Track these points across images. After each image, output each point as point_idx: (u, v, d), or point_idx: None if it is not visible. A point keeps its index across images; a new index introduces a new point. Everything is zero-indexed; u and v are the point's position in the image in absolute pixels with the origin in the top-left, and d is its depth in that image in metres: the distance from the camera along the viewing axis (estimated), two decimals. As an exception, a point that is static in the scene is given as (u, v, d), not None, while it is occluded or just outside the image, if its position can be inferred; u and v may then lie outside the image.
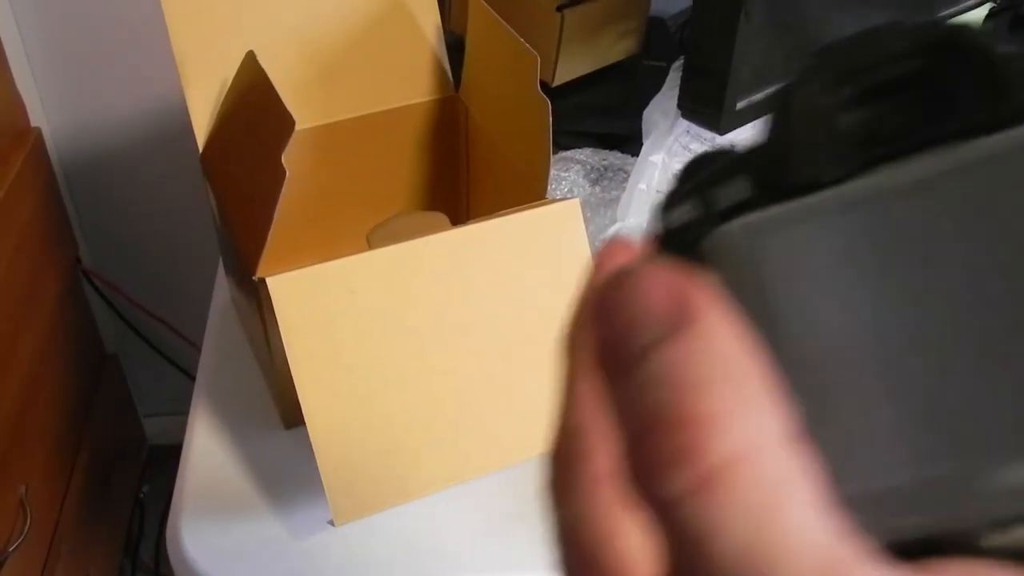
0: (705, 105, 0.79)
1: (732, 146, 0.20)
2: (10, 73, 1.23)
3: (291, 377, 0.52)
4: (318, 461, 0.53)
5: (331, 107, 0.72)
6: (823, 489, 0.16)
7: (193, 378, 0.74)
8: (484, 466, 0.57)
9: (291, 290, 0.52)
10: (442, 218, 0.63)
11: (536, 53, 0.59)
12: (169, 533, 0.62)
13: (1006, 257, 0.16)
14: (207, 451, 0.67)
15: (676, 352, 0.17)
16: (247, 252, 0.56)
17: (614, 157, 0.91)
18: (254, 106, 0.59)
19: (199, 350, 0.77)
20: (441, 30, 0.75)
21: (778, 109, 0.18)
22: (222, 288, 0.82)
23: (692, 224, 0.19)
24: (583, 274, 0.20)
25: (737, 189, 0.19)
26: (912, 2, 0.91)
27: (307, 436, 0.52)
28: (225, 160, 0.64)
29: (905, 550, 0.16)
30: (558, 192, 0.87)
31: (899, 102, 0.17)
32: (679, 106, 0.81)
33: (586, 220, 0.59)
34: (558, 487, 0.19)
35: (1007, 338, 0.16)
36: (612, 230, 0.76)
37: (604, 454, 0.18)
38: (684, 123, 0.83)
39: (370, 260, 0.54)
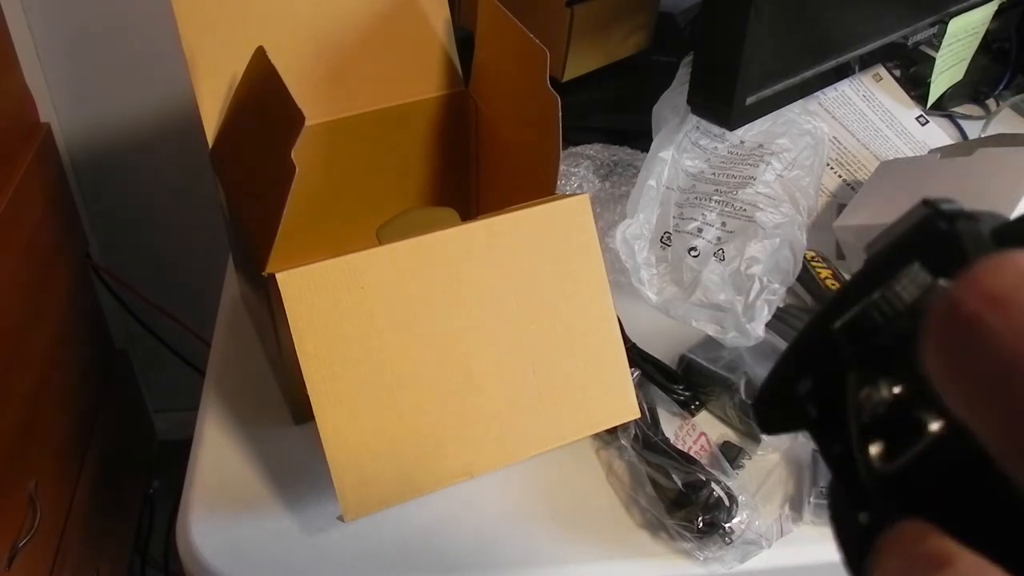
0: (715, 101, 0.79)
1: None
2: (20, 68, 1.23)
3: (300, 373, 0.52)
4: (327, 457, 0.53)
5: (341, 102, 0.72)
6: None
7: (203, 373, 0.74)
8: (494, 461, 0.57)
9: (300, 285, 0.52)
10: (452, 213, 0.63)
11: (546, 48, 0.59)
12: (179, 529, 0.62)
13: None
14: (217, 447, 0.67)
15: None
16: (256, 247, 0.56)
17: (624, 153, 0.91)
18: (264, 101, 0.59)
19: (209, 345, 0.77)
20: (451, 25, 0.74)
21: None
22: (231, 283, 0.82)
23: None
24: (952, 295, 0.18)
25: None
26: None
27: (317, 432, 0.52)
28: (234, 155, 0.64)
29: None
30: (568, 187, 0.87)
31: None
32: (689, 102, 0.81)
33: (596, 215, 0.59)
34: None
35: None
36: (622, 225, 0.76)
37: None
38: (694, 119, 0.82)
39: (380, 255, 0.54)
